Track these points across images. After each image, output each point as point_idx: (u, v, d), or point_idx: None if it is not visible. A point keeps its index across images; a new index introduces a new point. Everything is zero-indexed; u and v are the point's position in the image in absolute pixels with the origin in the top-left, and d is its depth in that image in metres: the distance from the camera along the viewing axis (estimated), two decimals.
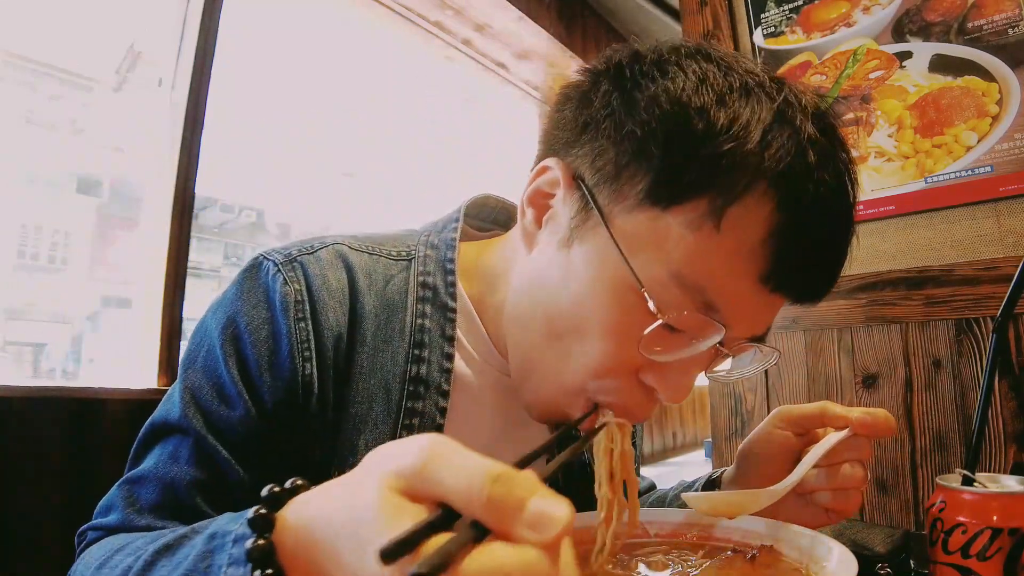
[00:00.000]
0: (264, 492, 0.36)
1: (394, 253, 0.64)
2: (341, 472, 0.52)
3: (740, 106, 0.47)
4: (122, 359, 1.62)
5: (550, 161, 0.55)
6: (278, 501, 0.36)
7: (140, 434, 0.58)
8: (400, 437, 0.57)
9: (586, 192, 0.52)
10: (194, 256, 1.55)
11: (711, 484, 0.73)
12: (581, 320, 0.51)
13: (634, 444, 0.78)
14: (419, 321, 0.60)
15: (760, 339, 0.54)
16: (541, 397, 0.57)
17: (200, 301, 0.66)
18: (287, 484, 0.37)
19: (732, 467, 0.69)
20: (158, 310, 1.48)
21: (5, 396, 1.13)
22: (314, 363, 0.55)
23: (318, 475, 0.52)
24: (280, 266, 0.57)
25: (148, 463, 0.55)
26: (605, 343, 0.50)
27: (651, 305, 0.48)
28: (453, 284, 0.63)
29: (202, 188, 1.57)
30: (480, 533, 0.27)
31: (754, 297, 0.49)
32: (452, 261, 0.63)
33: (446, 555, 0.25)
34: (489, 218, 0.75)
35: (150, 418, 0.58)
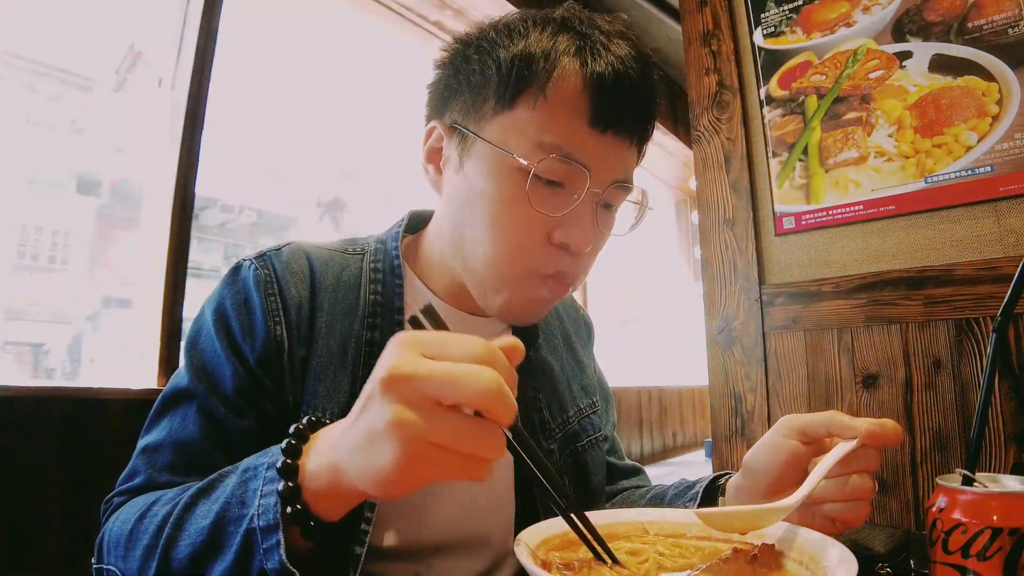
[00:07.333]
0: (291, 429, 0.49)
1: (349, 250, 0.78)
2: (308, 414, 0.66)
3: (541, 31, 0.66)
4: (122, 359, 1.62)
5: (432, 123, 0.73)
6: (303, 436, 0.49)
7: (154, 405, 0.68)
8: (359, 391, 0.61)
9: (461, 128, 0.69)
10: (194, 256, 1.55)
11: (713, 489, 0.72)
12: (491, 211, 0.66)
13: (540, 408, 0.81)
14: (372, 297, 0.74)
15: (626, 184, 0.69)
16: (506, 296, 0.69)
17: (200, 301, 0.73)
18: (304, 422, 0.50)
19: (738, 475, 0.69)
20: (158, 310, 1.49)
21: (5, 396, 1.13)
22: (283, 326, 0.68)
23: (291, 418, 0.67)
24: (253, 260, 0.72)
25: (162, 432, 0.65)
26: (512, 214, 0.65)
27: (523, 161, 0.63)
28: (400, 266, 0.76)
29: (202, 188, 1.57)
30: None
31: (595, 141, 0.65)
32: (397, 248, 0.78)
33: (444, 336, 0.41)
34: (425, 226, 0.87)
35: (161, 393, 0.68)
